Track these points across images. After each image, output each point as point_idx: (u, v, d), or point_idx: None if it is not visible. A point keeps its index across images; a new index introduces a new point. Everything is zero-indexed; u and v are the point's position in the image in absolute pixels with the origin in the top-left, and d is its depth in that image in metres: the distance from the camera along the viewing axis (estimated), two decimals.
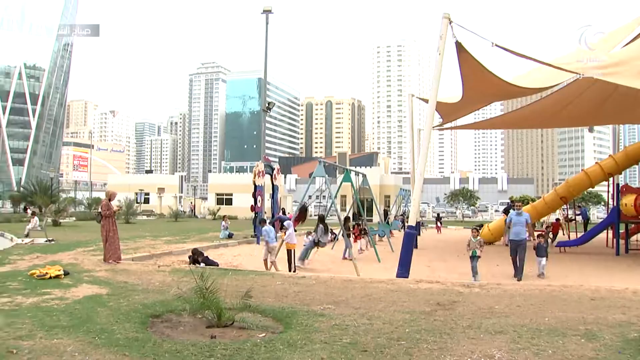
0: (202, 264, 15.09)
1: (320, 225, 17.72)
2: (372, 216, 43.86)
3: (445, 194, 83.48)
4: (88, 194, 74.58)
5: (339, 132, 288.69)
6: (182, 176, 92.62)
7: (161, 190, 69.58)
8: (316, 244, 17.82)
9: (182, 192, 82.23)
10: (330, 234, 26.01)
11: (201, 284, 7.75)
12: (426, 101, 18.00)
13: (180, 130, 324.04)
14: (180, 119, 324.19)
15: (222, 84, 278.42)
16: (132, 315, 8.01)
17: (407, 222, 20.03)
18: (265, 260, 15.60)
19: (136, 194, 66.69)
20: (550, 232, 25.68)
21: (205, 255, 16.20)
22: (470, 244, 14.68)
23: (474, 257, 14.49)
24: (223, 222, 27.82)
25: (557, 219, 29.11)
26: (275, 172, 28.69)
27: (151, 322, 7.75)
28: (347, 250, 17.76)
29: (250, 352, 6.23)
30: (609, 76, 16.47)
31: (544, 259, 15.34)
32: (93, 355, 6.04)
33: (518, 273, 14.63)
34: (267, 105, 33.44)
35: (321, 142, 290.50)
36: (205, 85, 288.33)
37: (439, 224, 39.59)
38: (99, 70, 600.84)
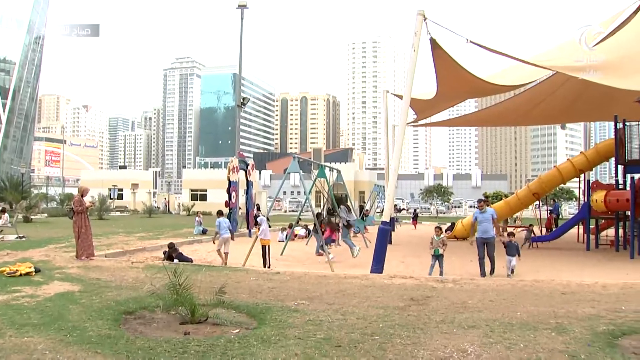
0: (176, 260, 15.05)
1: (342, 207, 17.81)
2: None
3: (420, 190, 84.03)
4: (60, 189, 73.66)
5: (314, 128, 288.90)
6: (156, 172, 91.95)
7: (135, 186, 68.91)
8: (347, 226, 17.89)
9: (156, 188, 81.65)
10: (306, 230, 26.16)
11: (175, 280, 7.71)
12: (401, 97, 18.08)
13: (154, 126, 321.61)
14: (155, 114, 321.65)
15: (196, 79, 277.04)
16: (105, 312, 7.94)
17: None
18: (218, 251, 16.09)
19: (109, 189, 65.96)
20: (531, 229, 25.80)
21: (179, 251, 16.15)
22: (433, 243, 14.46)
23: (436, 256, 14.35)
24: (197, 218, 27.68)
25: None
26: (249, 167, 28.48)
27: (124, 319, 7.69)
28: (321, 246, 17.82)
29: (224, 348, 6.22)
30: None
31: (514, 258, 14.71)
32: (64, 354, 5.97)
33: (490, 271, 14.35)
34: (241, 100, 33.33)
35: (296, 138, 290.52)
36: (180, 80, 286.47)
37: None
38: (72, 65, 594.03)
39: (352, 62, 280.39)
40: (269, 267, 15.06)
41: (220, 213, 17.79)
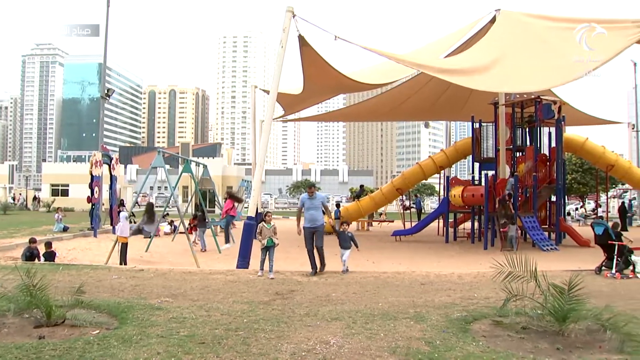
0: (43, 259, 14.58)
1: (145, 215, 17.72)
2: (214, 207, 43.62)
3: (287, 186, 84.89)
4: None
5: (183, 122, 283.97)
6: (12, 165, 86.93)
7: None
8: (139, 231, 17.61)
9: (12, 183, 77.18)
10: (171, 226, 25.72)
11: (28, 281, 7.32)
12: (268, 92, 18.24)
13: (10, 116, 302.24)
14: (11, 103, 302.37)
15: (59, 68, 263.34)
16: None
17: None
18: None
19: None
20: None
21: (52, 249, 15.64)
22: (263, 232, 12.23)
23: (270, 248, 12.19)
24: (57, 215, 26.41)
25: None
26: (113, 162, 27.70)
27: None
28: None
29: (82, 350, 6.00)
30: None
31: (348, 251, 13.03)
32: None
33: (320, 267, 12.70)
34: (106, 91, 32.10)
35: (164, 132, 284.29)
36: (40, 68, 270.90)
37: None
38: None
39: (223, 57, 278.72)
40: (124, 264, 14.74)
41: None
